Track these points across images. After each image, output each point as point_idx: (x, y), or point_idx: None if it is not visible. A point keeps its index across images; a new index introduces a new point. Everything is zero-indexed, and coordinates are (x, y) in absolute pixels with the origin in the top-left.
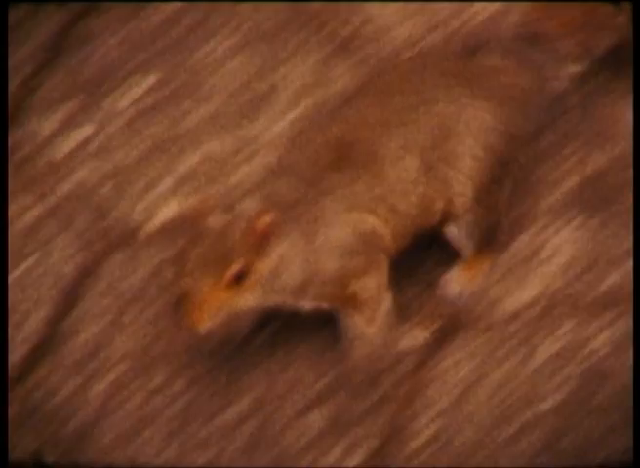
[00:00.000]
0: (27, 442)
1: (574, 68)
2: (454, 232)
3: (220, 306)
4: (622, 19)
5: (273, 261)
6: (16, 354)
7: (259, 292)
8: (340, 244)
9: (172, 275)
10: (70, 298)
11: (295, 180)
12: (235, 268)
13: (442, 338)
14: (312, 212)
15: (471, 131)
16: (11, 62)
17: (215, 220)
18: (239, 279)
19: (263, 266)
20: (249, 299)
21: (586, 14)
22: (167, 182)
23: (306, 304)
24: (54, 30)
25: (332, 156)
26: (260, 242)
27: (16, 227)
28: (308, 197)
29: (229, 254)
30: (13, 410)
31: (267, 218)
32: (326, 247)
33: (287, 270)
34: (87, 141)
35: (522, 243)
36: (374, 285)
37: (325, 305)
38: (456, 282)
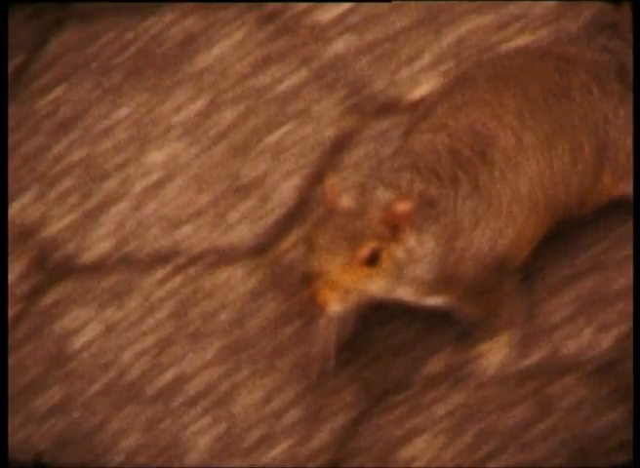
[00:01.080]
0: (270, 305)
1: None
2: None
3: (352, 287)
4: None
5: (410, 249)
6: (265, 221)
7: (391, 277)
8: (478, 257)
9: (303, 252)
10: (324, 166)
11: (434, 177)
12: (369, 248)
13: None
14: (455, 212)
15: (618, 119)
16: None
17: (347, 201)
18: (372, 261)
19: (399, 252)
20: (382, 283)
21: None
22: (425, 58)
23: (432, 301)
24: None
25: (470, 151)
26: (396, 227)
27: (275, 92)
28: (452, 196)
29: (362, 235)
30: (251, 282)
31: (406, 204)
32: (465, 254)
33: (422, 262)
34: (348, 13)
35: None
36: (501, 295)
37: (449, 306)
38: None
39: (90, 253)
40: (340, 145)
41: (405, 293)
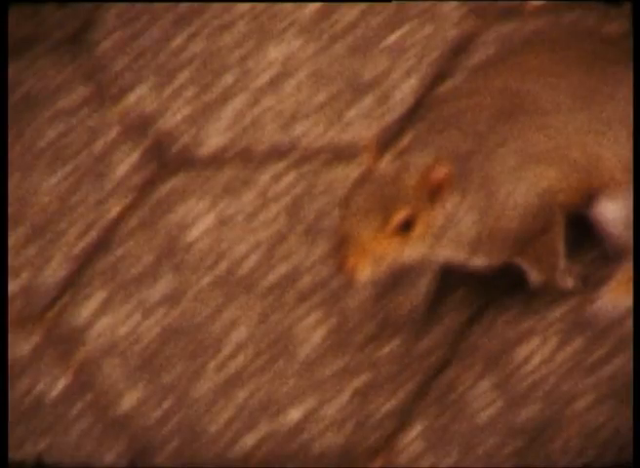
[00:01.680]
0: None
1: None
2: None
3: (383, 254)
4: None
5: (448, 212)
6: (383, 120)
7: (428, 243)
8: (520, 204)
9: (336, 217)
10: (444, 67)
11: (464, 132)
12: (403, 215)
13: None
14: (487, 165)
15: (626, 97)
16: None
17: (384, 165)
18: (405, 228)
19: (436, 216)
20: (416, 250)
21: None
22: None
23: (477, 261)
24: None
25: (498, 105)
26: (434, 192)
27: None
28: (481, 150)
29: (396, 201)
30: None
31: (444, 169)
32: (507, 205)
33: (462, 223)
34: None
35: None
36: (551, 243)
37: (497, 262)
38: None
39: (206, 147)
40: (460, 47)
41: (444, 256)
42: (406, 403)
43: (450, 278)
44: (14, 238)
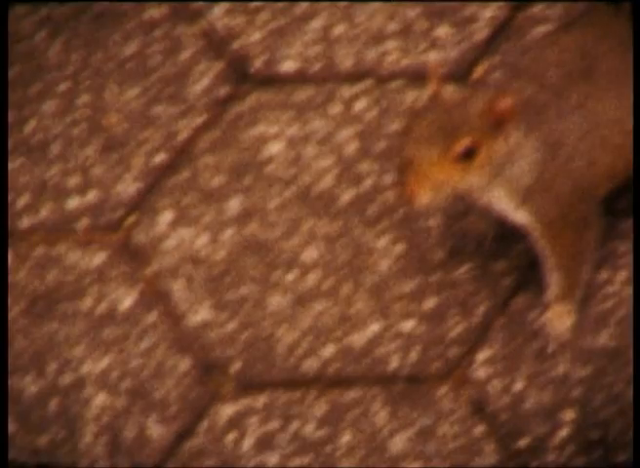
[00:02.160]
0: None
1: None
2: None
3: (443, 182)
4: None
5: (509, 146)
6: (461, 46)
7: (487, 175)
8: (576, 174)
9: (399, 141)
10: None
11: (541, 85)
12: (466, 142)
13: None
14: (559, 122)
15: None
16: None
17: (450, 92)
18: (467, 156)
19: (498, 149)
20: (476, 179)
21: None
22: None
23: (520, 215)
24: None
25: (576, 63)
26: (498, 122)
27: None
28: (557, 105)
29: (459, 128)
30: None
31: (510, 100)
32: (566, 166)
33: (521, 163)
34: None
35: None
36: (585, 243)
37: (536, 229)
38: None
39: (284, 66)
40: None
41: (497, 196)
42: (474, 328)
43: None
44: (88, 151)
